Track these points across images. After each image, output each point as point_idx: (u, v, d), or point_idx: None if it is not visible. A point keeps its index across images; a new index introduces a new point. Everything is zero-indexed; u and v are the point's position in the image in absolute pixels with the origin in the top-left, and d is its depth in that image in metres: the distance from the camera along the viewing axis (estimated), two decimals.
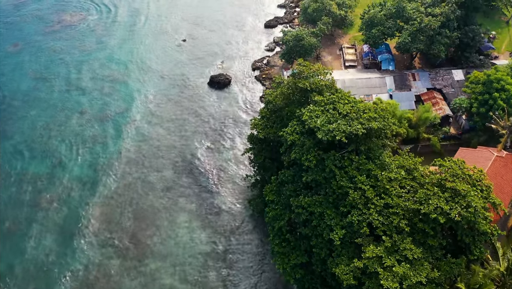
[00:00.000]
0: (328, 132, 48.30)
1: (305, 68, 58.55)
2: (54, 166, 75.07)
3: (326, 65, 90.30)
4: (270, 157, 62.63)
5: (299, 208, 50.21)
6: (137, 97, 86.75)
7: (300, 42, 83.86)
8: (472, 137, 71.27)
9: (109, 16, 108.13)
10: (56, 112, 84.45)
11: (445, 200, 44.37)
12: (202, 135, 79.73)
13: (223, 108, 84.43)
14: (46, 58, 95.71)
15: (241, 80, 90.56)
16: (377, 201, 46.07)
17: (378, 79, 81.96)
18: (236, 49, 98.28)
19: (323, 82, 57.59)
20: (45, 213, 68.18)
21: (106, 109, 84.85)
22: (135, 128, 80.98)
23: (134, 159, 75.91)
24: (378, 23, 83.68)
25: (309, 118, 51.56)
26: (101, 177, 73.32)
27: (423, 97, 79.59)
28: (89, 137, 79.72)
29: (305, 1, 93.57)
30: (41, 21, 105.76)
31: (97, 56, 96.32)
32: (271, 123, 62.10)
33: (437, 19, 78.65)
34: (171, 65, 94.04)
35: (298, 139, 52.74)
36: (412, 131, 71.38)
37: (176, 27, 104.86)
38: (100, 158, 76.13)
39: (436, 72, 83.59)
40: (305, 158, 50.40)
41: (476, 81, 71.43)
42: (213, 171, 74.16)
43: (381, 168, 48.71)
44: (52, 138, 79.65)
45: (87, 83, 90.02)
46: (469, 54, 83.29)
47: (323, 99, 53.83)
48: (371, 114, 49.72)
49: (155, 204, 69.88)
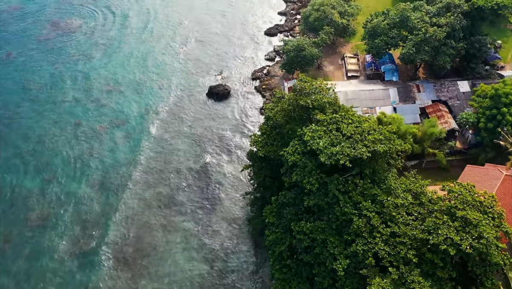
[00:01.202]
0: (331, 156, 45.96)
1: (307, 84, 56.15)
2: (48, 181, 72.69)
3: (328, 75, 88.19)
4: (271, 175, 60.28)
5: (301, 233, 47.93)
6: (133, 109, 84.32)
7: (301, 53, 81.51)
8: (479, 153, 68.84)
9: (106, 24, 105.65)
10: (50, 125, 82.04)
11: (455, 230, 42.02)
12: (200, 149, 77.39)
13: (221, 120, 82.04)
14: (40, 68, 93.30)
15: (241, 91, 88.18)
16: (383, 230, 43.73)
17: (382, 91, 79.60)
18: (236, 58, 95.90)
19: (326, 99, 55.21)
20: (36, 232, 65.79)
21: (101, 121, 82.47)
22: (130, 142, 78.65)
23: (129, 174, 73.50)
24: (382, 32, 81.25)
25: (311, 139, 49.24)
26: (95, 193, 70.97)
27: (428, 110, 77.25)
28: (84, 151, 77.36)
29: (306, 10, 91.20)
30: (35, 29, 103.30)
31: (93, 65, 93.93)
32: (271, 140, 59.79)
33: (443, 29, 76.28)
34: (169, 75, 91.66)
35: (300, 160, 50.48)
36: (417, 147, 68.96)
37: (174, 35, 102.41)
38: (94, 173, 73.78)
39: (441, 83, 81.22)
40: (307, 181, 48.14)
41: (483, 95, 69.03)
42: (211, 186, 71.82)
43: (387, 193, 46.37)
44: (46, 152, 77.33)
45: (83, 94, 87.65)
46: (475, 65, 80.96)
47: (325, 118, 51.51)
48: (376, 136, 47.39)
49: (151, 222, 67.56)
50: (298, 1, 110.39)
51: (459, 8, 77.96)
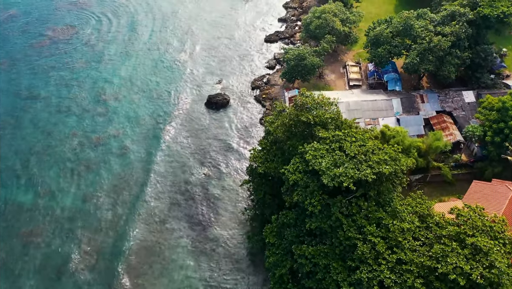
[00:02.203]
0: (335, 178, 43.96)
1: (308, 99, 54.14)
2: (42, 196, 70.54)
3: (330, 84, 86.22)
4: (271, 192, 58.32)
5: (303, 257, 45.96)
6: (129, 120, 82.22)
7: (302, 62, 79.46)
8: (486, 167, 66.78)
9: (103, 30, 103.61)
10: (44, 136, 79.94)
11: (465, 258, 40.00)
12: (198, 161, 75.34)
13: (220, 131, 79.98)
14: (35, 76, 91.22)
15: (240, 100, 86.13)
16: (389, 256, 41.70)
17: (385, 101, 77.57)
18: (235, 66, 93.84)
19: (328, 115, 53.22)
20: (29, 250, 63.67)
21: (98, 132, 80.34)
22: (126, 154, 76.50)
23: (125, 188, 71.46)
24: (384, 41, 79.29)
25: (313, 159, 47.27)
26: (90, 208, 68.87)
27: (432, 121, 75.24)
28: (80, 163, 75.25)
29: (307, 17, 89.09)
30: (30, 36, 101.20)
31: (89, 74, 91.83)
32: (271, 156, 57.82)
33: (448, 38, 74.26)
34: (167, 84, 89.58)
35: (301, 179, 48.58)
36: (421, 161, 66.81)
37: (172, 43, 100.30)
38: (90, 187, 71.64)
39: (445, 93, 79.18)
40: (309, 202, 46.20)
41: (490, 107, 66.99)
42: (210, 201, 69.75)
43: (393, 216, 44.36)
44: (40, 164, 75.19)
45: (78, 104, 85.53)
46: (481, 74, 78.98)
47: (328, 136, 49.51)
48: (381, 156, 45.38)
49: (148, 238, 65.48)
50: (299, 7, 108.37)
51: (464, 17, 75.95)
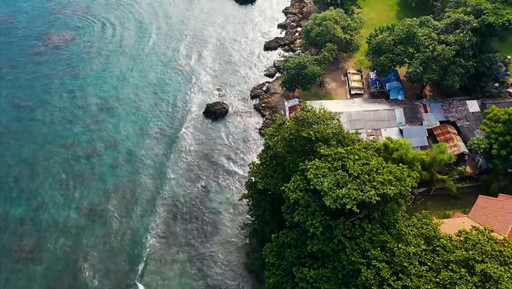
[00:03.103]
0: (337, 199, 42.19)
1: (309, 114, 52.36)
2: (36, 209, 68.88)
3: (330, 93, 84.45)
4: (271, 209, 56.54)
5: (304, 281, 44.21)
6: (126, 130, 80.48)
7: (303, 71, 77.71)
8: (491, 180, 65.07)
9: (100, 38, 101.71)
10: (39, 146, 78.26)
11: (475, 286, 38.26)
12: (195, 173, 73.56)
13: (218, 142, 78.20)
14: (31, 84, 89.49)
15: (239, 109, 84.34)
16: (394, 282, 39.92)
17: (387, 111, 75.76)
18: (234, 74, 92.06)
19: (329, 130, 51.40)
20: (23, 266, 61.95)
21: (93, 142, 78.60)
22: (123, 165, 74.81)
23: (122, 202, 69.70)
24: (387, 49, 77.50)
25: (315, 177, 45.51)
26: (86, 222, 67.19)
27: (436, 132, 73.50)
28: (75, 175, 73.56)
29: (308, 24, 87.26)
30: (26, 42, 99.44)
31: (85, 82, 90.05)
32: (271, 172, 56.03)
33: (452, 47, 72.46)
34: (165, 92, 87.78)
35: (302, 198, 46.85)
36: (425, 174, 65.12)
37: (170, 50, 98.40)
38: (85, 199, 69.96)
39: (449, 103, 77.42)
40: (310, 223, 44.42)
41: (495, 119, 65.24)
42: (208, 215, 68.02)
43: (398, 239, 42.60)
44: (34, 176, 73.52)
45: (74, 113, 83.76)
46: (485, 83, 77.15)
47: (330, 153, 47.73)
48: (385, 176, 43.61)
49: (142, 255, 63.67)
50: (299, 12, 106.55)
51: (468, 25, 74.15)
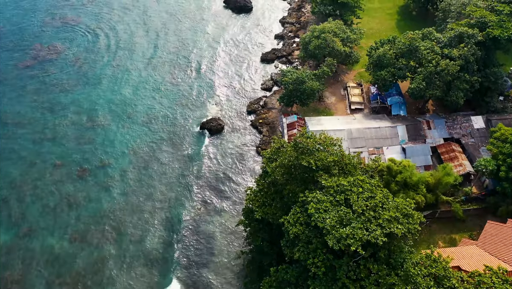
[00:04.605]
0: (341, 239, 39.25)
1: (309, 141, 49.41)
2: (23, 236, 65.62)
3: (330, 108, 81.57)
4: (269, 239, 53.57)
5: None
6: (118, 149, 77.33)
7: (301, 86, 74.79)
8: (499, 203, 62.37)
9: (90, 49, 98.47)
10: (27, 167, 75.01)
11: None
12: (190, 196, 70.50)
13: (214, 162, 75.15)
14: (19, 100, 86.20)
15: (235, 126, 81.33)
16: None
17: (389, 129, 72.92)
18: (230, 88, 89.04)
19: (331, 158, 48.48)
20: None
21: (84, 162, 75.43)
22: (114, 187, 71.69)
23: (113, 226, 66.61)
24: (388, 63, 74.72)
25: (316, 212, 42.57)
26: (76, 249, 64.02)
27: (440, 150, 70.73)
28: (64, 198, 70.41)
29: (306, 36, 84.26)
30: (15, 55, 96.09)
31: (75, 98, 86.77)
32: (269, 200, 53.09)
33: (456, 63, 69.74)
34: (157, 108, 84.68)
35: (302, 232, 44.01)
36: (430, 196, 62.42)
37: (163, 62, 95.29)
38: (74, 225, 66.78)
39: (453, 118, 74.71)
40: (312, 262, 41.51)
41: (503, 139, 62.45)
42: (203, 240, 65.03)
43: (406, 281, 39.71)
44: (21, 199, 70.32)
45: (63, 131, 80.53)
46: (490, 98, 74.51)
47: (332, 185, 44.80)
48: (392, 212, 40.70)
49: (136, 284, 60.65)
50: (296, 22, 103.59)
51: (473, 38, 71.44)
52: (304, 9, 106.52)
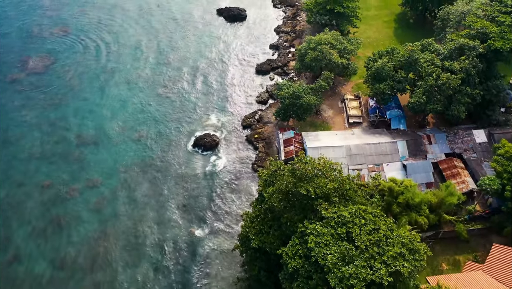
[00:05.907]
0: (343, 279, 36.83)
1: (308, 166, 46.99)
2: (9, 263, 62.79)
3: (327, 122, 79.23)
4: (267, 269, 51.13)
5: None
6: (110, 167, 74.50)
7: (298, 101, 72.39)
8: (504, 223, 60.25)
9: (81, 61, 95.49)
10: (15, 186, 72.23)
11: None
12: (183, 217, 67.87)
13: (208, 180, 72.51)
14: (5, 115, 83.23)
15: (230, 141, 78.77)
16: None
17: (389, 144, 70.57)
18: (224, 101, 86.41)
19: (330, 185, 46.08)
20: None
21: (72, 182, 72.61)
22: (104, 208, 68.93)
23: (103, 251, 63.81)
24: (387, 76, 72.48)
25: (316, 246, 40.18)
26: (64, 275, 61.28)
27: (442, 166, 68.46)
28: (52, 221, 67.59)
29: (302, 47, 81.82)
30: (2, 68, 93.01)
31: (64, 113, 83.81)
32: (266, 227, 50.70)
33: (457, 76, 67.58)
34: (149, 123, 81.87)
35: (302, 266, 41.60)
36: (433, 217, 60.17)
37: (155, 75, 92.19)
38: (63, 250, 63.95)
39: (454, 132, 72.52)
40: None
41: (508, 156, 60.24)
42: (197, 265, 62.43)
43: None
44: (7, 222, 67.49)
45: (51, 148, 77.65)
46: (492, 112, 72.41)
47: (333, 216, 42.41)
48: (397, 248, 38.37)
49: None
50: (292, 31, 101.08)
51: (474, 51, 69.29)
52: (299, 18, 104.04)
